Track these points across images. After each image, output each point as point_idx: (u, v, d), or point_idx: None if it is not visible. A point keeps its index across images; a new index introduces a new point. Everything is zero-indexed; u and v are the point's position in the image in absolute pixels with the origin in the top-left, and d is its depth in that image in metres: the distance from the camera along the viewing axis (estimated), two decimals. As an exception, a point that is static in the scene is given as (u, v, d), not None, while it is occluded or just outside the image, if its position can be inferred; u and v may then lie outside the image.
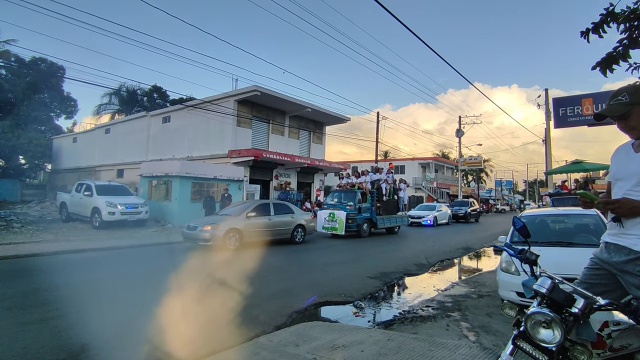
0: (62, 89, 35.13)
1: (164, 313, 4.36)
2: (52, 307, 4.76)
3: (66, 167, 33.33)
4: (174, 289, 5.63)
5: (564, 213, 6.18)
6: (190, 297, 5.17)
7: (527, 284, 1.76)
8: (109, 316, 4.56)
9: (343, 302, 5.57)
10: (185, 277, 6.65)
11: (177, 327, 4.00)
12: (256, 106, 21.68)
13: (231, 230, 10.02)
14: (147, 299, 5.20)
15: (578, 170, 15.54)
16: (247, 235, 10.33)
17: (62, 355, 3.37)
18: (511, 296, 4.45)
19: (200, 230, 9.82)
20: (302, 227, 12.17)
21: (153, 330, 3.81)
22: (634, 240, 1.79)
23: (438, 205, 23.96)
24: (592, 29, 3.86)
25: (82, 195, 14.45)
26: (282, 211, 11.87)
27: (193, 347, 3.52)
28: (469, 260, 10.65)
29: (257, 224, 10.80)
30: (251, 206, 11.21)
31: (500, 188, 65.87)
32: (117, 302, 5.18)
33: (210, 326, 4.16)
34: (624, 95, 1.82)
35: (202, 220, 10.55)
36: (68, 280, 6.37)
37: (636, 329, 1.71)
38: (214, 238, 9.62)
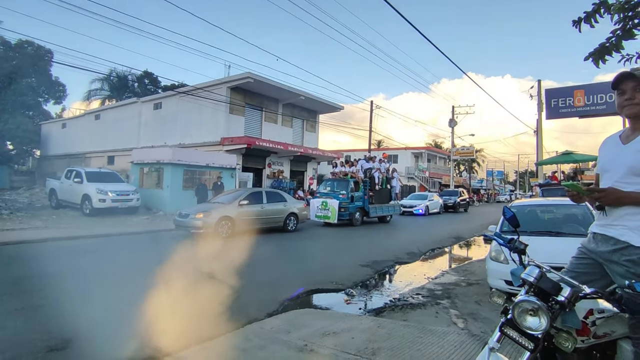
0: (50, 74, 34.30)
1: (154, 301, 4.36)
2: (41, 295, 4.73)
3: (55, 154, 32.81)
4: (164, 277, 5.62)
5: (553, 203, 6.26)
6: (181, 285, 5.17)
7: (515, 272, 1.79)
8: (100, 304, 4.55)
9: (334, 290, 5.62)
10: (176, 265, 6.63)
11: (168, 315, 4.01)
12: (249, 93, 21.46)
13: (223, 218, 10.01)
14: (137, 287, 5.18)
15: (568, 162, 15.72)
16: (240, 223, 10.30)
17: (52, 342, 3.36)
18: (500, 284, 4.52)
19: (192, 218, 9.79)
20: (295, 215, 12.18)
21: (143, 318, 3.81)
22: (621, 230, 1.81)
23: (430, 195, 24.14)
24: (584, 18, 3.85)
25: (72, 182, 14.27)
26: (275, 199, 11.87)
27: (185, 334, 3.53)
28: (460, 249, 10.79)
29: (249, 212, 10.78)
30: (244, 194, 11.19)
31: (492, 178, 66.50)
32: (107, 290, 5.17)
33: (202, 314, 4.17)
34: None
35: (194, 208, 10.52)
36: (58, 268, 6.32)
37: (619, 317, 1.75)
38: (206, 226, 9.60)
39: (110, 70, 33.17)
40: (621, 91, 1.86)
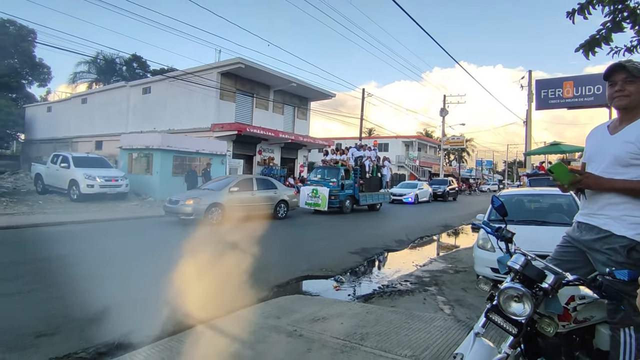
0: (33, 55, 33.31)
1: (141, 288, 4.36)
2: (29, 280, 4.69)
3: (41, 138, 32.06)
4: (151, 264, 5.61)
5: (539, 193, 6.38)
6: (169, 272, 5.17)
7: (502, 260, 1.83)
8: (87, 290, 4.52)
9: (324, 277, 5.69)
10: (164, 251, 6.61)
11: (156, 302, 4.02)
12: (240, 79, 21.17)
13: (213, 204, 10.01)
14: (125, 274, 5.18)
15: (555, 152, 15.97)
16: (230, 210, 10.32)
17: (41, 327, 3.35)
18: (486, 272, 4.63)
19: (182, 204, 9.77)
20: (285, 202, 12.20)
21: (131, 305, 3.82)
22: (604, 220, 1.87)
23: (420, 184, 24.33)
24: (577, 9, 3.87)
25: (59, 167, 14.02)
26: (265, 186, 11.87)
27: (173, 320, 3.55)
28: (448, 237, 10.96)
29: (239, 199, 10.79)
30: (234, 181, 11.16)
31: (481, 168, 67.22)
32: (95, 276, 5.14)
33: (191, 300, 4.19)
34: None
35: (184, 195, 10.50)
36: (45, 254, 6.26)
37: (599, 303, 1.82)
38: (196, 212, 9.59)
39: (97, 53, 32.35)
40: (612, 82, 1.89)
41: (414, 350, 2.96)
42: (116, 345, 3.09)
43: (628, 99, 1.84)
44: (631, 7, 3.91)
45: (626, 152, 1.79)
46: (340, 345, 3.04)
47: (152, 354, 2.84)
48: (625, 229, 1.78)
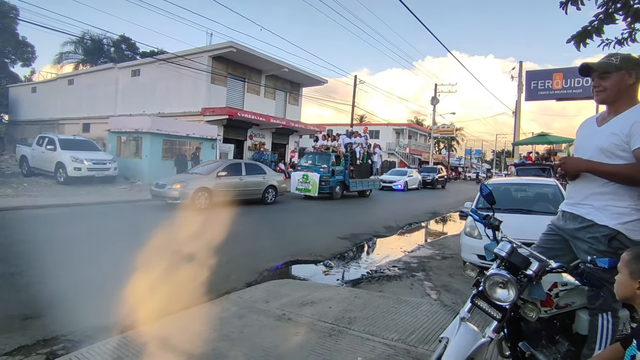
0: (16, 33, 32.15)
1: (129, 272, 4.34)
2: (11, 264, 4.63)
3: (26, 119, 31.25)
4: (139, 247, 5.57)
5: (526, 182, 6.49)
6: (157, 256, 5.14)
7: (488, 247, 1.87)
8: (73, 273, 4.50)
9: (313, 261, 5.74)
10: (151, 235, 6.55)
11: (145, 285, 4.01)
12: (231, 63, 20.81)
13: (201, 189, 9.94)
14: (111, 258, 5.15)
15: (543, 143, 16.18)
16: (217, 194, 10.26)
17: (27, 310, 3.33)
18: (473, 259, 4.72)
19: (169, 188, 9.68)
20: (274, 188, 12.18)
21: (119, 288, 3.81)
22: (587, 209, 1.92)
23: (409, 171, 24.49)
24: (571, 0, 3.87)
25: (45, 149, 13.72)
26: (254, 171, 11.81)
27: (162, 304, 3.55)
28: (436, 224, 11.11)
29: (227, 183, 10.73)
30: (222, 165, 11.07)
31: (470, 156, 67.83)
32: (81, 259, 5.11)
33: (180, 284, 4.20)
34: (617, 58, 1.87)
35: (171, 178, 10.38)
36: (28, 236, 6.17)
37: (580, 289, 1.88)
38: (183, 196, 9.52)
39: (83, 33, 31.34)
40: (592, 78, 1.96)
41: (401, 334, 3.03)
42: (103, 328, 3.10)
43: (604, 93, 1.89)
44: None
45: (611, 143, 1.84)
46: (329, 329, 3.09)
47: (136, 338, 2.85)
48: (608, 218, 1.83)
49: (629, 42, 4.22)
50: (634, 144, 1.75)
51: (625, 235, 1.79)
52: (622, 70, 1.84)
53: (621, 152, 1.81)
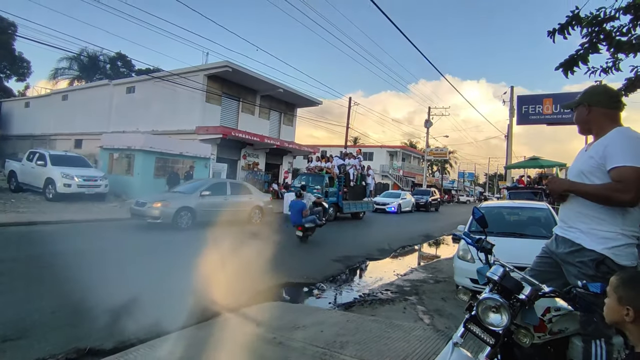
0: (13, 48, 32.39)
1: (104, 291, 4.23)
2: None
3: (17, 134, 31.03)
4: (114, 266, 5.45)
5: (518, 206, 6.54)
6: (131, 277, 5.02)
7: (481, 271, 1.86)
8: (56, 293, 4.37)
9: (305, 284, 5.65)
10: (124, 257, 6.40)
11: (123, 305, 3.90)
12: (227, 83, 21.05)
13: (183, 208, 9.66)
14: (79, 278, 4.97)
15: (534, 166, 16.40)
16: (201, 214, 9.99)
17: (8, 331, 3.21)
18: (466, 282, 4.68)
19: (149, 207, 9.34)
20: (260, 208, 11.87)
21: (97, 308, 3.70)
22: (577, 234, 1.95)
23: (403, 194, 24.55)
24: (558, 29, 4.02)
25: (35, 165, 13.56)
26: (239, 191, 11.50)
27: (147, 326, 3.45)
28: (429, 247, 11.08)
29: (211, 203, 10.39)
30: (206, 184, 10.79)
31: (463, 179, 68.50)
32: (45, 281, 4.97)
33: (165, 306, 4.10)
34: (582, 93, 2.08)
35: (152, 197, 10.03)
36: (13, 255, 6.02)
37: (573, 315, 1.87)
38: (163, 216, 9.23)
39: (80, 50, 31.66)
40: None
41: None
42: (89, 351, 2.99)
43: (579, 126, 2.12)
44: (607, 30, 4.09)
45: (588, 165, 1.94)
46: (320, 353, 3.01)
47: (125, 360, 2.75)
48: (595, 242, 1.86)
49: (614, 71, 4.37)
50: (609, 164, 1.83)
51: (613, 260, 1.80)
52: (582, 103, 2.04)
53: (598, 173, 1.89)
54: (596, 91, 2.06)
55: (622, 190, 1.75)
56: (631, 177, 1.74)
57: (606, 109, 1.98)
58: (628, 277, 1.39)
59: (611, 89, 2.11)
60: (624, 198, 1.75)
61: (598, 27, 4.05)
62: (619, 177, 1.77)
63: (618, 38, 4.11)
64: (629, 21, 3.99)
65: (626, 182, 1.74)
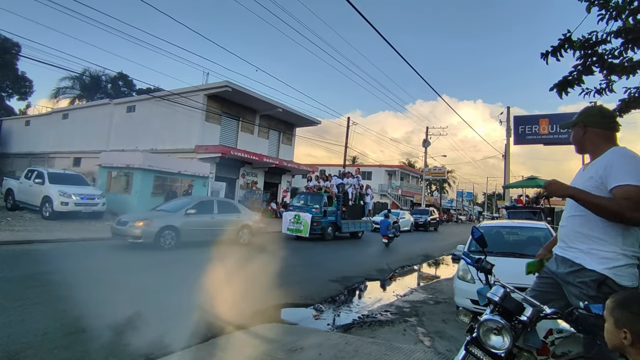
0: (16, 68, 32.90)
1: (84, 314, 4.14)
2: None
3: (16, 152, 31.12)
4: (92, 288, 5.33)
5: (517, 226, 6.52)
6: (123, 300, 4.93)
7: (481, 292, 1.84)
8: (48, 313, 4.28)
9: (304, 305, 5.56)
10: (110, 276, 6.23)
11: (110, 329, 3.83)
12: (226, 102, 21.30)
13: (166, 227, 9.26)
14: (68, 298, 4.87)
15: (532, 186, 16.44)
16: (185, 234, 9.63)
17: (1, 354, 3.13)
18: (466, 303, 4.62)
19: (130, 226, 8.94)
20: (249, 227, 11.41)
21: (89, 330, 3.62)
22: (576, 253, 1.94)
23: (401, 213, 24.49)
24: (551, 52, 4.11)
25: (32, 183, 13.52)
26: (227, 210, 11.17)
27: (139, 349, 3.37)
28: (428, 267, 10.97)
29: (197, 222, 10.00)
30: (192, 203, 10.42)
31: (461, 199, 68.48)
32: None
33: (159, 327, 4.02)
34: (577, 114, 2.11)
35: (135, 215, 9.68)
36: (6, 274, 5.93)
37: (576, 337, 1.83)
38: (145, 235, 8.84)
39: (83, 70, 32.13)
40: None
41: (393, 384, 2.88)
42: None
43: (577, 145, 2.14)
44: (599, 53, 4.18)
45: (588, 185, 1.93)
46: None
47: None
48: (596, 263, 1.84)
49: (607, 92, 4.44)
50: (610, 184, 1.82)
51: (614, 281, 1.78)
52: (577, 124, 2.07)
53: (598, 193, 1.88)
54: (592, 112, 2.08)
55: (633, 209, 1.73)
56: (638, 196, 1.73)
57: (601, 130, 2.00)
58: (622, 299, 1.36)
59: (606, 110, 2.12)
60: (635, 216, 1.73)
61: (590, 50, 4.15)
62: (626, 195, 1.75)
63: (610, 61, 4.20)
64: (621, 44, 4.09)
65: (635, 201, 1.73)
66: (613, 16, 3.82)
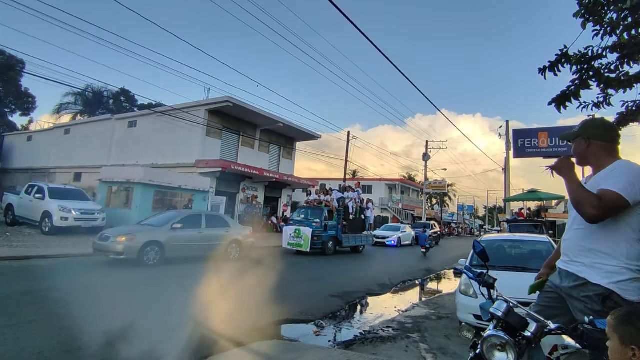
0: (19, 84, 33.26)
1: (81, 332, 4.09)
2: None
3: (17, 167, 31.22)
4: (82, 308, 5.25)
5: (519, 239, 6.48)
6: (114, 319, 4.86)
7: (484, 307, 1.81)
8: (41, 331, 4.22)
9: (304, 321, 5.48)
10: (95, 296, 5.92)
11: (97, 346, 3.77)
12: (227, 117, 21.46)
13: (151, 242, 8.89)
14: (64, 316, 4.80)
15: (533, 199, 16.40)
16: (171, 249, 9.28)
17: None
18: (469, 319, 4.55)
19: (112, 241, 8.54)
20: (239, 242, 11.02)
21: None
22: (580, 267, 1.91)
23: (402, 227, 24.36)
24: (548, 67, 4.16)
25: (33, 198, 13.52)
26: (216, 224, 10.82)
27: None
28: (430, 282, 10.86)
29: (183, 237, 9.65)
30: (179, 217, 10.05)
31: (462, 212, 68.28)
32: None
33: (158, 348, 3.95)
34: (577, 126, 2.08)
35: (118, 230, 9.30)
36: (2, 290, 5.86)
37: (582, 353, 1.79)
38: (128, 251, 8.45)
39: (86, 86, 32.48)
40: None
41: (396, 403, 2.81)
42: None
43: (575, 157, 2.07)
44: (596, 68, 4.23)
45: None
46: (319, 396, 2.87)
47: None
48: (600, 277, 1.81)
49: (605, 106, 4.48)
50: (602, 186, 1.82)
51: (619, 295, 1.75)
52: (580, 136, 2.03)
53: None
54: (594, 124, 2.06)
55: (594, 205, 1.73)
56: (610, 200, 1.73)
57: (604, 142, 1.98)
58: (624, 314, 1.32)
59: (608, 122, 2.10)
60: (590, 211, 1.74)
61: (587, 65, 4.20)
62: (601, 194, 1.76)
63: (607, 75, 4.25)
64: (616, 59, 4.14)
65: (603, 201, 1.73)
66: (608, 32, 3.88)
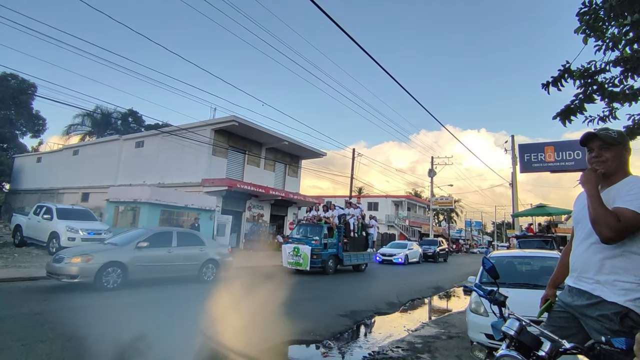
0: (31, 107, 34.08)
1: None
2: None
3: (26, 188, 31.63)
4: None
5: (529, 255, 6.36)
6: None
7: (496, 325, 1.77)
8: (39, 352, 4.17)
9: (312, 342, 5.38)
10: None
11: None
12: (233, 136, 21.70)
13: (110, 263, 7.99)
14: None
15: (542, 214, 16.19)
16: (135, 271, 8.35)
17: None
18: (480, 338, 4.43)
19: (66, 262, 7.63)
20: (214, 262, 10.14)
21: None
22: (593, 285, 1.84)
23: (409, 244, 24.08)
24: (551, 82, 4.18)
25: (41, 219, 13.62)
26: (188, 242, 9.86)
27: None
28: (439, 300, 10.66)
29: (150, 257, 8.75)
30: (145, 234, 9.13)
31: (470, 228, 67.50)
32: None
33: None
34: (614, 132, 1.94)
35: (74, 250, 8.48)
36: (7, 312, 5.85)
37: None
38: (83, 274, 7.58)
39: (95, 107, 33.19)
40: (590, 149, 1.99)
41: None
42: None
43: (605, 164, 1.91)
44: (599, 82, 4.24)
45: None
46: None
47: None
48: (616, 295, 1.75)
49: (611, 119, 4.46)
50: (617, 203, 1.76)
51: (638, 314, 1.69)
52: (620, 144, 1.91)
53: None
54: (625, 134, 1.98)
55: (611, 227, 1.68)
56: (628, 220, 1.68)
57: (628, 154, 1.94)
58: None
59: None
60: (606, 233, 1.69)
61: (590, 79, 4.21)
62: (619, 214, 1.71)
63: (610, 89, 4.25)
64: (620, 72, 4.14)
65: (622, 223, 1.68)
66: (609, 47, 3.90)
